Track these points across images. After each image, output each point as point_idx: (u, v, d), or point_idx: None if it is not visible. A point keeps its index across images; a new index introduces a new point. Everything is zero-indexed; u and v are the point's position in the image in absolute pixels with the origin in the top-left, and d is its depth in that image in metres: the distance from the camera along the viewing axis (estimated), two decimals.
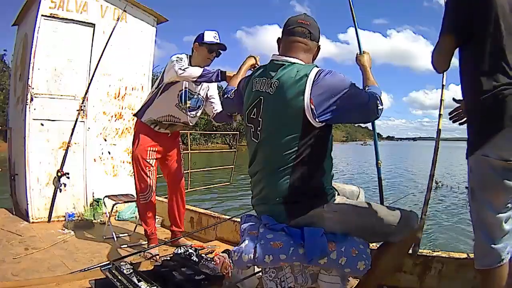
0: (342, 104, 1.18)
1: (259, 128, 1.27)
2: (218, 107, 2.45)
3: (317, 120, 1.17)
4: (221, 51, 2.31)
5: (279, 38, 1.36)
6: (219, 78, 2.09)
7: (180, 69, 2.09)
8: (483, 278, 1.20)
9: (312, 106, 1.16)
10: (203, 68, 2.11)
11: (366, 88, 1.36)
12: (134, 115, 2.48)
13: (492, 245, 1.14)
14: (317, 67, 1.24)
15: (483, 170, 1.13)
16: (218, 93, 2.42)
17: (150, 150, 2.34)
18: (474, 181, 1.18)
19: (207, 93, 2.43)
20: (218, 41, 2.26)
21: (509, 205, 1.13)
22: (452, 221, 6.41)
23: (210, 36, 2.25)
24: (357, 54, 1.63)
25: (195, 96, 2.37)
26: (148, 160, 2.34)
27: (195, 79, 2.12)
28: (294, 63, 1.26)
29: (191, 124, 2.45)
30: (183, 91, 2.30)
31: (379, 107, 1.24)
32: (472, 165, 1.17)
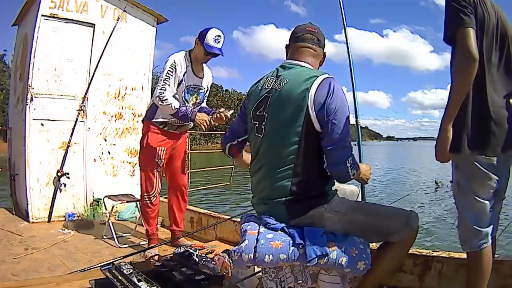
0: (330, 117, 1.16)
1: (263, 123, 1.27)
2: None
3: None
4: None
5: (287, 44, 1.39)
6: (189, 120, 2.27)
7: (159, 97, 2.18)
8: (473, 260, 1.28)
9: (313, 105, 1.17)
10: (179, 107, 2.20)
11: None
12: (143, 119, 2.46)
13: (480, 228, 1.25)
14: (328, 74, 1.24)
15: (472, 168, 1.23)
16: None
17: (159, 150, 2.33)
18: (460, 176, 1.28)
19: (207, 86, 2.46)
20: (217, 46, 2.27)
21: (492, 194, 1.26)
22: (452, 221, 6.41)
23: (211, 39, 2.24)
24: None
25: (201, 90, 2.40)
26: (157, 160, 2.33)
27: (169, 113, 2.23)
28: (304, 66, 1.29)
29: None
30: (185, 90, 2.30)
31: (348, 165, 1.18)
32: (459, 163, 1.26)
